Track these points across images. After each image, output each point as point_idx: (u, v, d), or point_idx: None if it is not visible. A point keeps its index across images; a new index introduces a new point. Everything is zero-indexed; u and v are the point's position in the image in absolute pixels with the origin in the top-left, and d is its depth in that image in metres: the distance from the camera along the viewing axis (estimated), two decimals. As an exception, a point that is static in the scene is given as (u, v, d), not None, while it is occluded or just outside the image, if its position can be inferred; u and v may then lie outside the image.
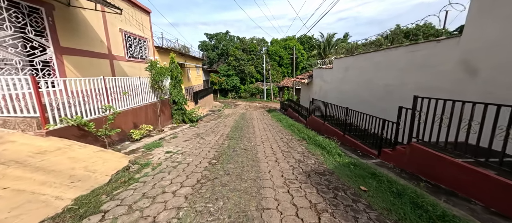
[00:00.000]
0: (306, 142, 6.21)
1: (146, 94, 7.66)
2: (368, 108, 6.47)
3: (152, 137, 7.03)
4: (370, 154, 5.10)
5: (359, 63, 7.69)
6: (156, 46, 10.67)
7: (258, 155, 4.72)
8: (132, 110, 6.66)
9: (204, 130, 8.45)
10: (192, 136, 7.08)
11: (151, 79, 7.60)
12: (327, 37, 36.64)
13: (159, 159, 4.51)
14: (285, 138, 6.81)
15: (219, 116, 14.15)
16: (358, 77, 7.81)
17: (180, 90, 9.99)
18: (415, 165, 3.70)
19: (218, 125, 9.85)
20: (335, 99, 8.92)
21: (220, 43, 46.40)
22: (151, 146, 5.71)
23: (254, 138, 6.66)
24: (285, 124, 9.86)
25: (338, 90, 9.65)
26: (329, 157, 4.63)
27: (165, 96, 9.50)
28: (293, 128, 8.65)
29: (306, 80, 13.44)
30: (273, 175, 3.50)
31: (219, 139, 6.43)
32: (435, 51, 4.66)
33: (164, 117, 9.04)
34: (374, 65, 6.71)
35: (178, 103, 9.80)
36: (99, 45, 6.72)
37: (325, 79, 11.36)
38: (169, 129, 8.66)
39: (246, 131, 7.93)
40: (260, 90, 35.59)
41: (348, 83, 8.65)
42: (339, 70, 9.51)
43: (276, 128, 8.91)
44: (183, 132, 8.21)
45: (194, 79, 17.79)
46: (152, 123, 7.85)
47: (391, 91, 6.15)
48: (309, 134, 7.01)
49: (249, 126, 9.52)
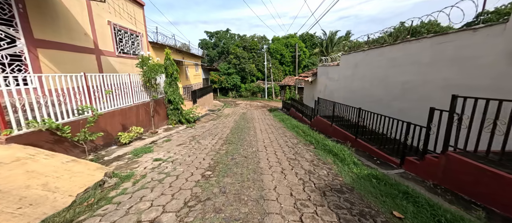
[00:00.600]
0: (314, 147, 5.53)
1: (138, 93, 7.00)
2: (382, 109, 5.79)
3: (143, 141, 6.37)
4: (389, 162, 4.41)
5: (371, 59, 6.98)
6: (151, 41, 9.99)
7: (261, 164, 4.05)
8: (120, 110, 6.00)
9: (201, 132, 7.78)
10: (187, 139, 6.42)
11: (143, 77, 6.93)
12: (330, 35, 35.80)
13: (145, 169, 3.84)
14: (290, 142, 6.13)
15: (219, 116, 13.48)
16: (369, 74, 7.11)
17: (176, 88, 9.33)
18: (453, 181, 3.02)
19: (216, 126, 9.18)
20: (343, 99, 8.22)
21: (221, 41, 45.65)
22: (140, 151, 5.05)
23: (256, 142, 5.98)
24: (288, 125, 9.18)
25: (346, 88, 8.94)
26: (343, 167, 3.95)
27: (160, 95, 8.84)
28: (297, 130, 7.97)
29: (310, 78, 12.74)
30: (280, 194, 2.82)
31: (217, 143, 5.77)
32: (471, 42, 3.96)
33: (158, 117, 8.39)
34: (390, 61, 6.01)
35: (174, 102, 9.14)
36: (83, 38, 6.05)
37: (331, 77, 10.66)
38: (163, 131, 8.00)
39: (247, 134, 7.25)
40: (261, 89, 34.88)
41: (357, 81, 7.95)
42: (347, 67, 8.81)
43: (279, 130, 8.24)
44: (179, 134, 7.55)
45: (192, 77, 17.12)
46: (144, 125, 7.19)
47: (410, 89, 5.45)
48: (316, 137, 6.33)
49: (249, 127, 8.85)
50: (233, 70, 35.51)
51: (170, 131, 8.00)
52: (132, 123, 6.53)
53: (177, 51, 13.49)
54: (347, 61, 8.89)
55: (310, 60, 37.17)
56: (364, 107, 5.84)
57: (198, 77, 18.95)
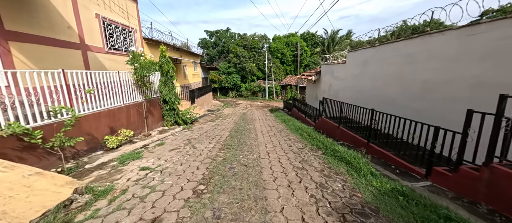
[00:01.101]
0: (321, 152, 4.95)
1: (129, 93, 6.44)
2: (396, 110, 5.20)
3: (133, 144, 5.81)
4: (411, 172, 3.84)
5: (383, 55, 6.40)
6: (145, 38, 9.42)
7: (263, 175, 3.48)
8: (108, 112, 5.44)
9: (198, 134, 7.22)
10: (181, 143, 5.85)
11: (134, 75, 6.36)
12: (331, 34, 35.21)
13: (128, 181, 3.28)
14: (295, 146, 5.56)
15: (218, 116, 12.92)
16: (381, 72, 6.53)
17: (172, 87, 8.76)
18: (502, 200, 2.44)
19: (215, 128, 8.62)
20: (350, 99, 7.64)
21: (221, 41, 45.10)
22: (127, 158, 4.49)
23: (257, 146, 5.41)
24: (291, 127, 8.61)
25: (353, 88, 8.36)
26: (360, 179, 3.37)
27: (155, 95, 8.28)
28: (301, 132, 7.39)
29: (313, 77, 12.16)
30: (290, 219, 2.25)
31: (214, 148, 5.19)
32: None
33: (152, 119, 7.83)
34: (406, 57, 5.42)
35: (170, 102, 8.58)
36: (65, 32, 5.48)
37: (336, 76, 10.07)
38: (158, 133, 7.45)
39: (247, 137, 6.68)
40: (262, 89, 34.30)
41: (367, 80, 7.37)
42: (355, 65, 8.23)
43: (282, 132, 7.66)
44: (174, 136, 6.99)
45: (191, 76, 16.56)
46: (136, 127, 6.63)
47: (430, 88, 4.87)
48: (323, 141, 5.75)
49: (250, 129, 8.28)
50: (233, 69, 34.94)
51: (165, 133, 7.44)
52: (122, 125, 5.97)
53: (175, 49, 12.92)
54: (354, 59, 8.31)
55: (311, 60, 36.58)
56: (375, 108, 5.27)
57: (197, 76, 18.39)
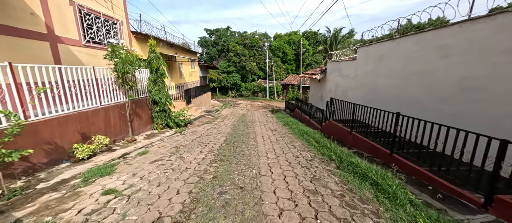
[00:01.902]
0: (335, 166, 4.04)
1: (108, 92, 5.55)
2: (423, 113, 4.30)
3: (111, 153, 4.92)
4: (460, 199, 2.91)
5: (405, 49, 5.46)
6: (134, 31, 8.52)
7: (265, 205, 2.57)
8: (78, 115, 4.55)
9: (190, 139, 6.32)
10: (168, 152, 4.96)
11: (114, 71, 5.47)
12: (334, 32, 34.31)
13: (78, 215, 2.38)
14: (302, 156, 4.64)
15: (215, 118, 12.02)
16: (401, 68, 5.60)
17: (162, 87, 7.87)
18: None
19: (210, 132, 7.71)
20: (361, 99, 6.73)
21: (221, 39, 44.20)
22: (94, 173, 3.60)
23: (257, 157, 4.49)
24: (295, 131, 7.69)
25: (365, 87, 7.43)
26: (397, 211, 2.46)
27: (143, 95, 7.39)
28: (308, 138, 6.48)
29: (319, 76, 11.23)
30: None
31: (204, 160, 4.28)
32: None
33: (139, 122, 6.94)
34: (437, 49, 4.49)
35: (160, 103, 7.68)
36: (27, 19, 4.59)
37: (345, 74, 9.15)
38: (145, 138, 6.56)
39: (245, 143, 5.77)
40: (263, 88, 33.36)
41: (382, 78, 6.44)
42: (368, 61, 7.30)
43: (285, 137, 6.74)
44: (162, 142, 6.11)
45: (188, 75, 15.66)
46: (118, 132, 5.74)
47: (473, 88, 3.93)
48: (335, 149, 4.84)
49: (249, 133, 7.36)
50: (233, 68, 34.03)
51: (153, 138, 6.55)
52: (99, 130, 5.08)
53: (169, 46, 12.02)
54: (367, 54, 7.37)
55: (313, 58, 35.59)
56: (392, 110, 4.36)
57: (194, 75, 17.49)
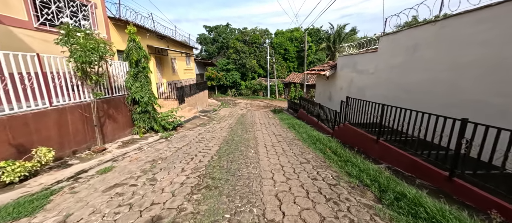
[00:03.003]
0: (375, 197, 2.74)
1: (64, 89, 4.25)
2: (485, 117, 2.98)
3: (62, 171, 3.63)
4: None
5: (457, 33, 4.13)
6: (112, 17, 7.19)
7: None
8: (8, 120, 3.25)
9: (174, 149, 5.03)
10: (138, 170, 3.67)
11: (70, 60, 4.16)
12: (337, 29, 32.93)
13: None
14: (322, 178, 3.34)
15: (211, 119, 10.72)
16: (449, 59, 4.28)
17: (145, 83, 6.57)
18: None
19: (202, 137, 6.42)
20: (383, 98, 5.44)
21: (220, 36, 42.81)
22: (8, 213, 2.32)
23: (259, 181, 3.18)
24: (304, 137, 6.40)
25: (391, 83, 6.12)
26: None
27: (119, 93, 6.10)
28: (321, 146, 5.19)
29: (328, 72, 9.90)
30: None
31: (184, 185, 2.99)
32: None
33: (114, 126, 5.65)
34: (508, 30, 3.19)
35: (141, 103, 6.39)
36: None
37: (361, 69, 7.83)
38: (119, 146, 5.27)
39: (244, 156, 4.47)
40: (263, 87, 32.00)
41: (417, 72, 5.12)
42: (395, 53, 5.97)
43: (293, 145, 5.44)
44: (140, 152, 4.83)
45: (182, 72, 14.35)
46: (80, 140, 4.47)
47: None
48: (366, 167, 3.54)
49: (249, 140, 6.06)
50: (232, 66, 32.66)
51: (130, 146, 5.26)
52: (48, 139, 3.79)
53: (159, 37, 10.69)
54: (393, 44, 6.04)
55: (316, 56, 34.23)
56: (434, 111, 3.09)
57: (190, 72, 16.17)
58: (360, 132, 5.48)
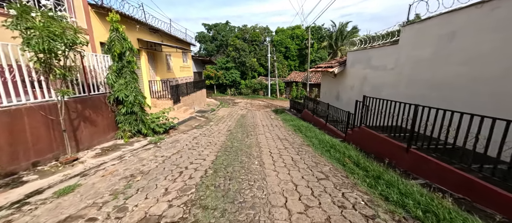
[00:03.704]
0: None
1: (18, 85, 3.38)
2: None
3: (7, 193, 2.74)
4: None
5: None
6: (93, 4, 6.29)
7: None
8: None
9: (161, 159, 4.16)
10: (107, 192, 2.80)
11: (26, 50, 3.27)
12: (340, 27, 32.00)
13: None
14: (352, 204, 2.48)
15: (208, 120, 9.84)
16: (508, 46, 3.42)
17: (131, 80, 5.69)
18: None
19: (197, 142, 5.55)
20: (408, 98, 4.61)
21: (219, 34, 41.86)
22: None
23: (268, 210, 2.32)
24: (315, 142, 5.54)
25: (416, 80, 5.26)
26: None
27: (98, 91, 5.23)
28: (338, 155, 4.33)
29: (336, 69, 9.03)
30: None
31: (163, 220, 2.12)
32: None
33: (92, 130, 4.79)
34: None
35: (126, 103, 5.51)
36: None
37: (377, 65, 6.97)
38: (97, 154, 4.39)
39: (246, 170, 3.60)
40: (264, 86, 31.10)
41: (454, 66, 4.26)
42: (422, 44, 5.12)
43: (304, 153, 4.57)
44: (119, 163, 3.95)
45: (178, 69, 13.46)
46: (43, 149, 3.61)
47: None
48: (409, 191, 2.68)
49: (251, 146, 5.19)
50: (231, 64, 31.74)
51: (109, 155, 4.38)
52: (-8, 150, 2.91)
53: (152, 31, 9.79)
54: (421, 34, 5.18)
55: (318, 54, 33.35)
56: (491, 114, 2.26)
57: (187, 69, 15.27)
58: (382, 137, 4.63)
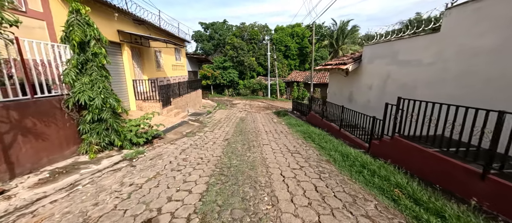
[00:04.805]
0: None
1: None
2: None
3: None
4: None
5: None
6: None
7: None
8: None
9: (129, 189, 2.86)
10: None
11: None
12: (341, 25, 30.95)
13: None
14: None
15: (203, 125, 8.55)
16: None
17: (98, 78, 4.40)
18: None
19: (185, 158, 4.26)
20: (457, 100, 3.36)
21: (217, 33, 40.59)
22: None
23: None
24: (337, 157, 4.31)
25: (472, 76, 4.05)
26: None
27: (50, 93, 3.93)
28: (379, 182, 3.09)
29: (350, 66, 7.80)
30: None
31: None
32: None
33: (38, 145, 3.49)
34: None
35: (92, 108, 4.23)
36: None
37: (407, 60, 5.76)
38: (39, 183, 3.05)
39: (251, 215, 2.33)
40: (263, 86, 29.83)
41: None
42: (480, 30, 3.91)
43: (328, 177, 3.33)
44: (65, 196, 2.63)
45: (170, 68, 12.14)
46: None
47: None
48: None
49: (255, 166, 3.92)
50: (229, 64, 30.42)
51: (54, 183, 3.05)
52: None
53: (137, 22, 8.47)
54: (478, 16, 3.97)
55: (318, 54, 32.20)
56: None
57: (180, 68, 13.95)
58: (431, 153, 3.42)
